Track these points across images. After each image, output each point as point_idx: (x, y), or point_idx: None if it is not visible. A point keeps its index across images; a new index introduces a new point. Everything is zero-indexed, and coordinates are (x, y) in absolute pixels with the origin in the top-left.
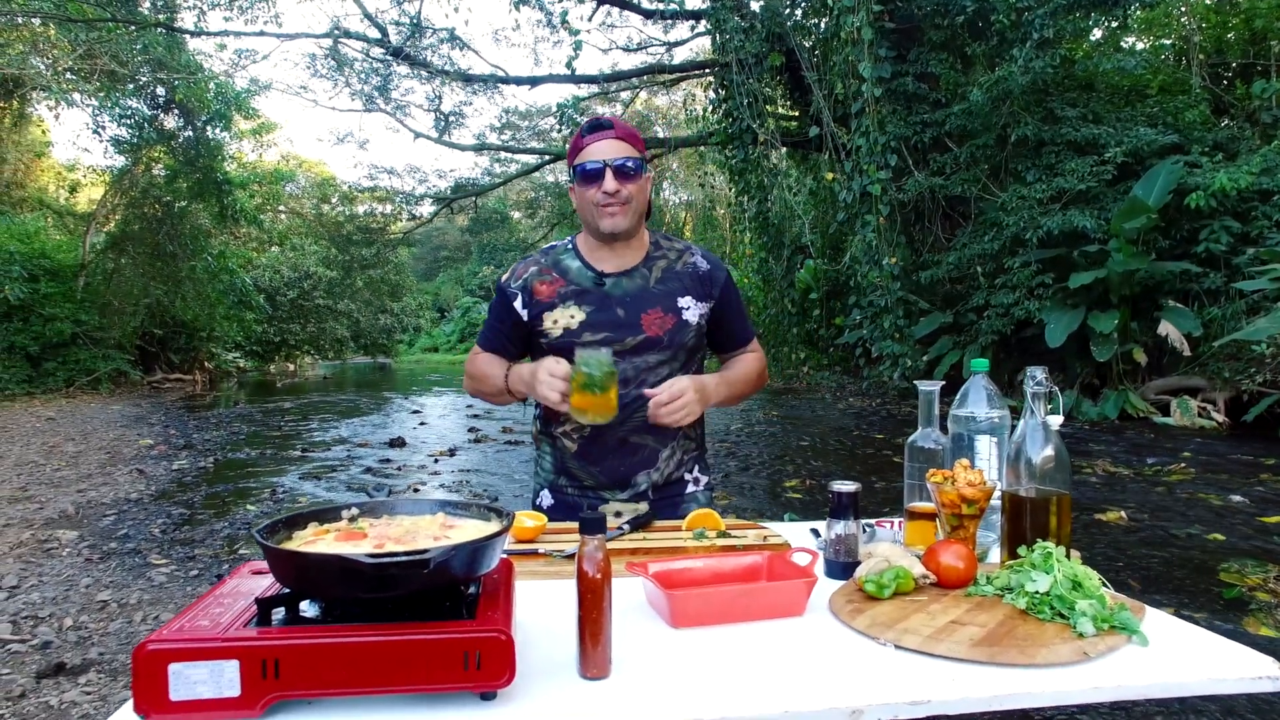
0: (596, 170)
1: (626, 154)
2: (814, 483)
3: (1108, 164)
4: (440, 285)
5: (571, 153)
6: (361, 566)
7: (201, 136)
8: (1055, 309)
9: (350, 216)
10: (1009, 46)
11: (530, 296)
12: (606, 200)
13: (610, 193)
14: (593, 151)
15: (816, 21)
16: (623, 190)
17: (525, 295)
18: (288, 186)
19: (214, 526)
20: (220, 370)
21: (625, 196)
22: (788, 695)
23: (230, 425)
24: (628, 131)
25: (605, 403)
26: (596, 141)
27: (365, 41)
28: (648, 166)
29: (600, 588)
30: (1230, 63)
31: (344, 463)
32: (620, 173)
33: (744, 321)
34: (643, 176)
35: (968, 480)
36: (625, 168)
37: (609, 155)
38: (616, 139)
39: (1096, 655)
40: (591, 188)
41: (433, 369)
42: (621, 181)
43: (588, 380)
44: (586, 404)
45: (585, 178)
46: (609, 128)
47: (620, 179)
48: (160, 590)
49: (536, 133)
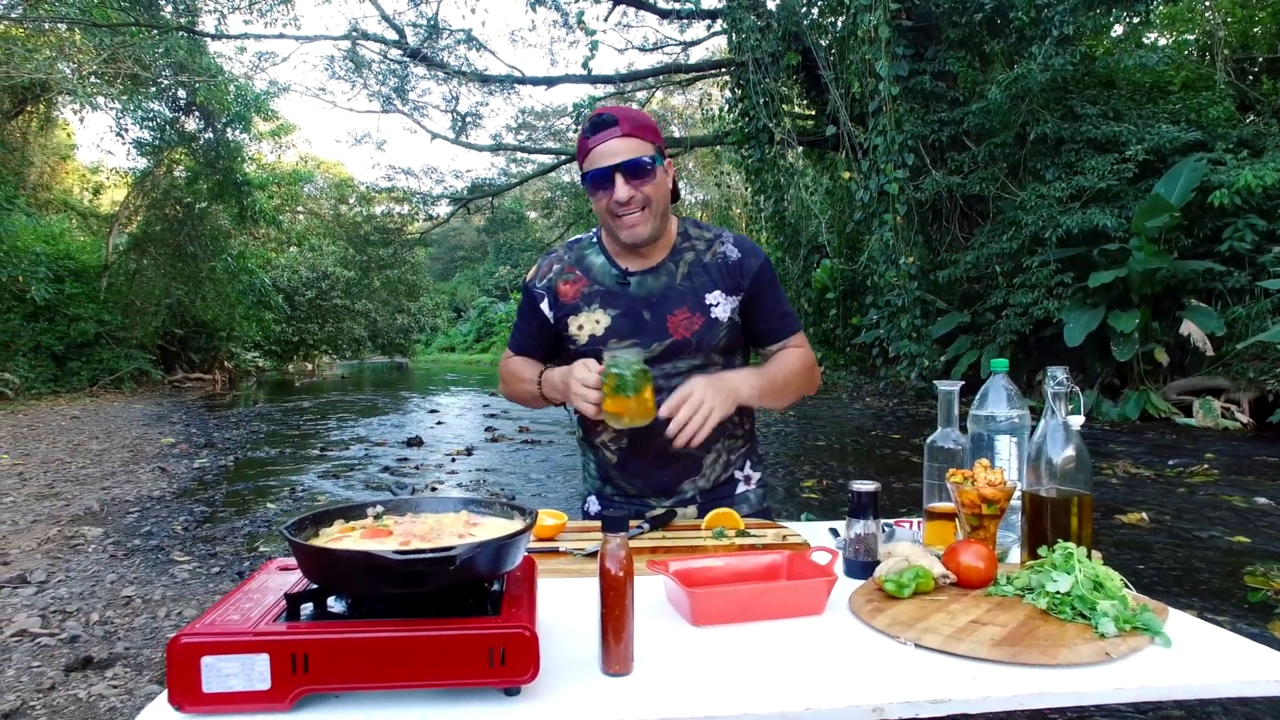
0: (604, 176)
1: (636, 151)
2: (830, 483)
3: (1129, 162)
4: (457, 285)
5: (579, 155)
6: (389, 563)
7: (221, 138)
8: (1075, 308)
9: (368, 217)
10: (1028, 44)
11: (555, 298)
12: (620, 209)
13: (623, 200)
14: (599, 154)
15: (833, 20)
16: (637, 195)
17: (550, 296)
18: (306, 187)
19: (235, 524)
20: (239, 369)
21: (641, 201)
22: (809, 693)
23: (250, 424)
24: (636, 124)
25: (641, 405)
26: (602, 142)
27: (383, 43)
28: (663, 156)
29: (623, 585)
30: (1257, 57)
31: (362, 462)
32: (632, 174)
33: (783, 312)
34: (658, 173)
35: (988, 480)
36: (636, 168)
37: (617, 157)
38: (624, 136)
39: (1119, 656)
40: (603, 195)
41: (449, 368)
42: (634, 185)
43: (619, 383)
44: (621, 408)
45: (594, 184)
46: (613, 124)
47: (632, 182)
48: (183, 587)
49: (552, 133)
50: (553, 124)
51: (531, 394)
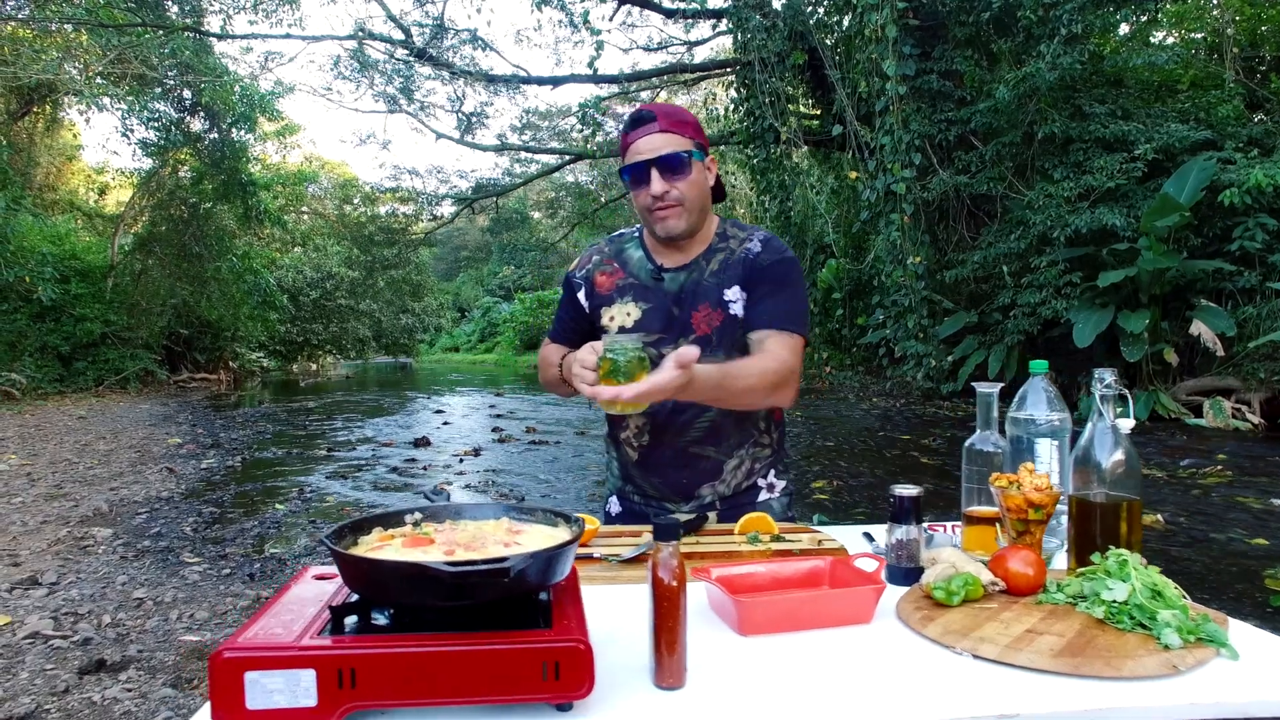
0: (641, 171)
1: (674, 146)
2: (841, 484)
3: (1138, 161)
4: (461, 285)
5: (621, 152)
6: (441, 575)
7: (226, 138)
8: (1083, 308)
9: (372, 217)
10: (1036, 43)
11: (592, 288)
12: (655, 204)
13: (658, 195)
14: (637, 149)
15: (838, 19)
16: (672, 190)
17: (588, 286)
18: (310, 187)
19: (244, 525)
20: (244, 370)
21: (676, 196)
22: (872, 707)
23: (256, 424)
24: (674, 119)
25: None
26: (640, 138)
27: (389, 43)
28: (704, 152)
29: (676, 595)
30: (1265, 55)
31: (369, 462)
32: (667, 169)
33: (773, 305)
34: (695, 168)
35: (1034, 485)
36: (672, 163)
37: (653, 152)
38: (661, 132)
39: (1186, 669)
40: (640, 190)
41: (454, 368)
42: (670, 180)
43: (613, 368)
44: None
45: (633, 180)
46: (651, 120)
47: (668, 177)
48: (194, 589)
49: (557, 133)
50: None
51: (557, 378)
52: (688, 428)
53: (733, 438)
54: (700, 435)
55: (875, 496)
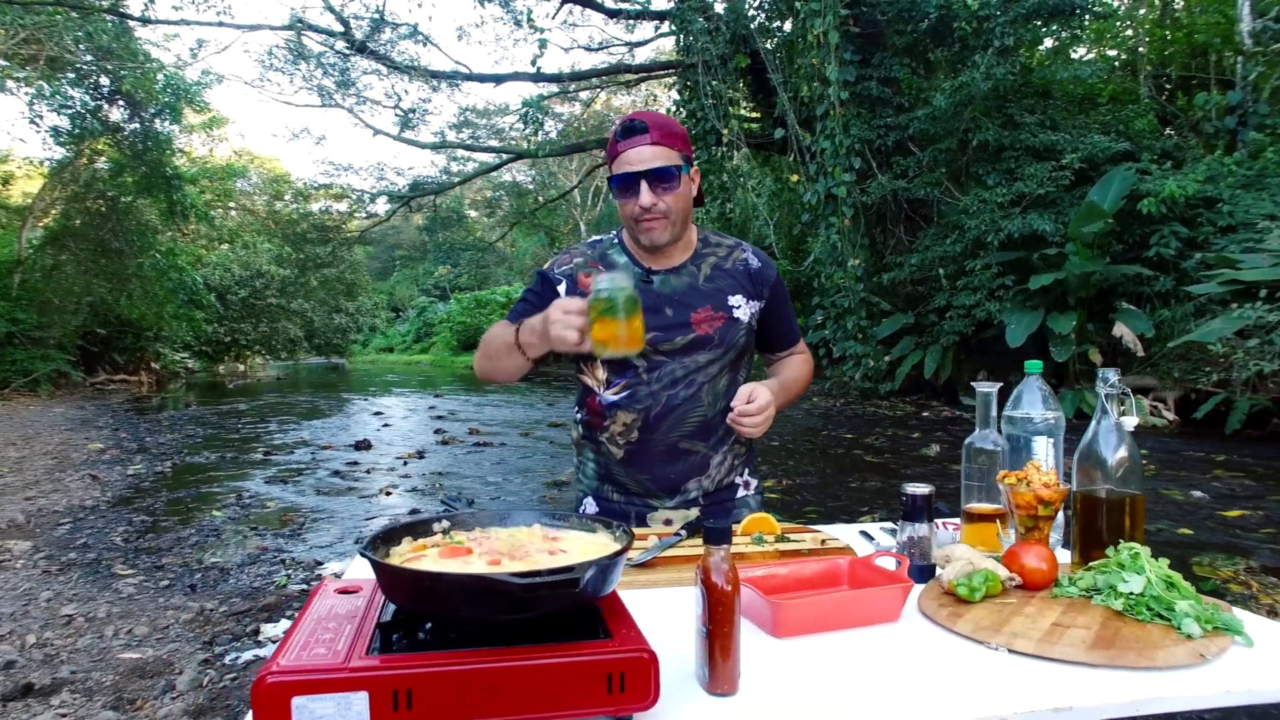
0: (631, 182)
1: (665, 160)
2: (790, 483)
3: (1065, 169)
4: (395, 284)
5: (608, 158)
6: (511, 588)
7: (149, 129)
8: (1016, 310)
9: (305, 214)
10: (971, 53)
11: (575, 287)
12: (643, 214)
13: (646, 207)
14: (628, 160)
15: (780, 24)
16: (660, 203)
17: (570, 283)
18: (239, 182)
19: (180, 534)
20: (167, 371)
21: (664, 209)
22: (929, 704)
23: (184, 428)
24: (666, 131)
25: (631, 332)
26: (632, 147)
27: (327, 35)
28: (690, 164)
29: (731, 599)
30: (1173, 75)
31: (310, 466)
32: (657, 182)
33: (793, 321)
34: (683, 182)
35: (1044, 482)
36: (663, 176)
37: (644, 164)
38: (653, 144)
39: (1212, 657)
40: (628, 200)
41: (389, 369)
42: (659, 193)
43: (608, 306)
44: (609, 334)
45: (621, 189)
46: (644, 131)
47: (657, 189)
48: (130, 602)
49: (495, 131)
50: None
51: (507, 343)
52: (680, 423)
53: (719, 432)
54: (691, 430)
55: (824, 495)
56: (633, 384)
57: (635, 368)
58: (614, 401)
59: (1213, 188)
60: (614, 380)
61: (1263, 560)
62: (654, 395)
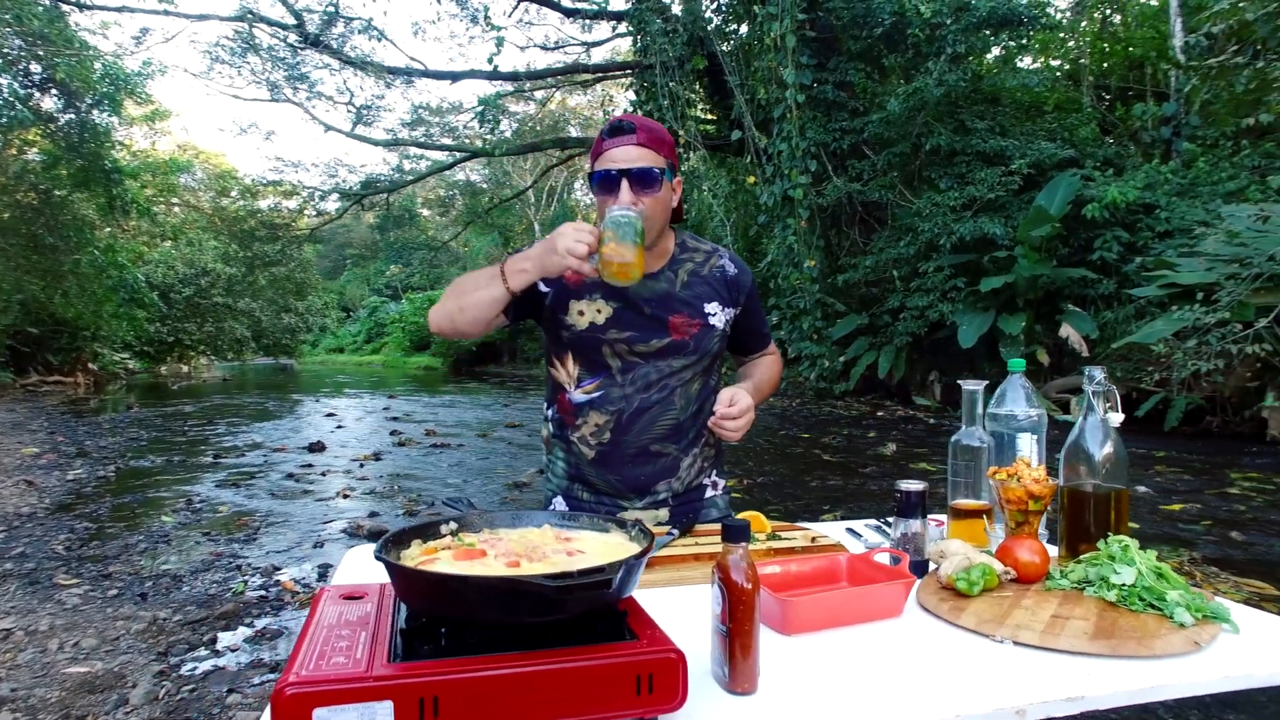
0: (612, 180)
1: (649, 162)
2: (751, 482)
3: (1014, 174)
4: (346, 284)
5: (592, 155)
6: (544, 590)
7: (86, 120)
8: (967, 311)
9: (253, 211)
10: (924, 60)
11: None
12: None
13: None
14: (612, 158)
15: (737, 28)
16: (640, 204)
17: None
18: (183, 178)
19: (127, 541)
20: (106, 372)
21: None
22: (953, 699)
23: (126, 431)
24: (653, 135)
25: (639, 258)
26: (617, 146)
27: (278, 27)
28: (674, 172)
29: (751, 598)
30: (1112, 85)
31: (262, 469)
32: (639, 183)
33: (765, 324)
34: (665, 186)
35: (1034, 477)
36: (645, 178)
37: (628, 163)
38: (638, 145)
39: (1205, 644)
40: (608, 198)
41: (339, 370)
42: (639, 194)
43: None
44: (619, 254)
45: (601, 186)
46: (630, 132)
47: (638, 190)
48: (75, 614)
49: (449, 129)
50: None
51: (488, 275)
52: (651, 426)
53: (690, 435)
54: (663, 433)
55: (785, 495)
56: (605, 384)
57: (608, 367)
58: (585, 401)
59: (1151, 195)
60: (585, 379)
61: (1204, 551)
62: (627, 398)
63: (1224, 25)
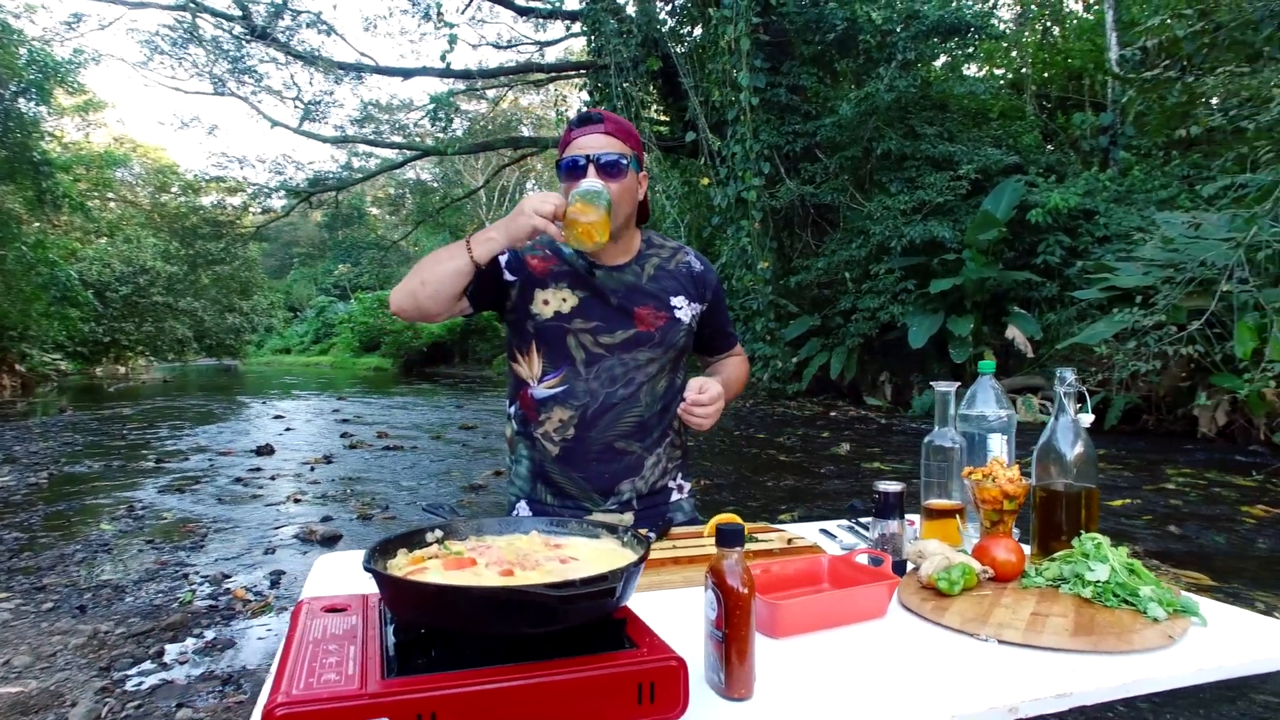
0: (579, 166)
1: (614, 149)
2: (709, 482)
3: (962, 179)
4: (292, 283)
5: (560, 146)
6: (546, 600)
7: (12, 109)
8: (917, 313)
9: (195, 208)
10: (875, 65)
11: (522, 264)
12: None
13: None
14: (579, 145)
15: (691, 29)
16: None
17: (516, 260)
18: (120, 172)
19: (63, 550)
20: (35, 374)
21: None
22: (947, 699)
23: (59, 435)
24: (620, 127)
25: (604, 222)
26: (583, 136)
27: (223, 18)
28: (640, 165)
29: (747, 602)
30: (1053, 95)
31: (208, 473)
32: (604, 170)
33: (730, 323)
34: (630, 175)
35: (1008, 477)
36: (610, 164)
37: (594, 150)
38: (605, 134)
39: (1178, 637)
40: (574, 185)
41: (286, 371)
42: (605, 179)
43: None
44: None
45: (568, 173)
46: (599, 121)
47: (605, 177)
48: (7, 630)
49: (399, 127)
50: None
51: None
52: (616, 422)
53: (654, 434)
54: (628, 430)
55: (742, 495)
56: (569, 378)
57: (573, 359)
58: (549, 396)
59: (1090, 201)
60: (549, 373)
61: (1146, 545)
62: (592, 392)
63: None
